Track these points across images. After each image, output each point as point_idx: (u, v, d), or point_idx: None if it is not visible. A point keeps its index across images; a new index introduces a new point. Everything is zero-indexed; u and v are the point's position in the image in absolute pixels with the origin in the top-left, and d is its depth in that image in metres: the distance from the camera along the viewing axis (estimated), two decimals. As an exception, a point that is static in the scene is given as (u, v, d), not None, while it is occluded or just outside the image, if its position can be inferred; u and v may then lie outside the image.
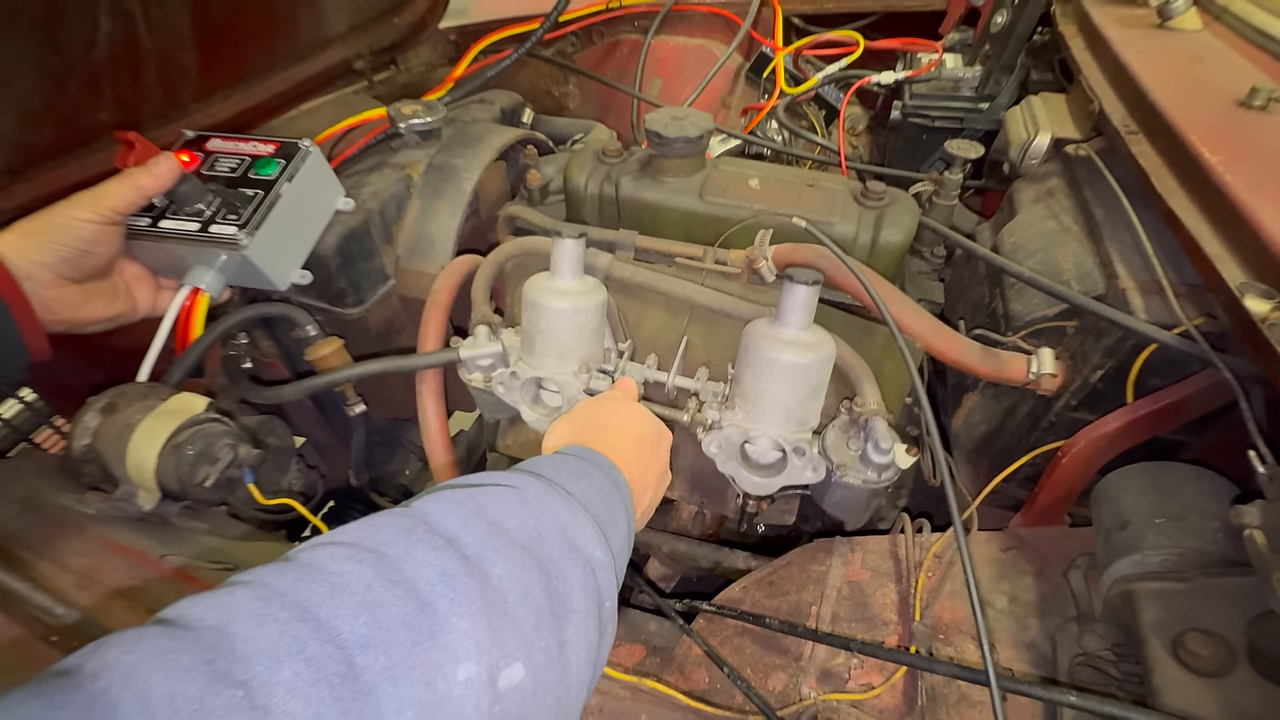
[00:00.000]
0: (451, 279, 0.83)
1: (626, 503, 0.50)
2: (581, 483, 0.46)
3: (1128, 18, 1.04)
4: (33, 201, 0.73)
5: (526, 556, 0.36)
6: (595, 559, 0.41)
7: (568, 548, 0.39)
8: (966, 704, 0.66)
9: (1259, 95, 0.76)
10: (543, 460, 0.48)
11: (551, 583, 0.36)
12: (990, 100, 1.19)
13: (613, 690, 0.67)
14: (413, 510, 0.36)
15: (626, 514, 0.49)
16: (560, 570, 0.38)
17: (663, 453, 0.63)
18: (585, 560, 0.40)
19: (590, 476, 0.48)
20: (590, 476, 0.48)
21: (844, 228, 0.79)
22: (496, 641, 0.32)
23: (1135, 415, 0.71)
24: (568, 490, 0.44)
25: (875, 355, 0.75)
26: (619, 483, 0.51)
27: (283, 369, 0.99)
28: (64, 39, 0.76)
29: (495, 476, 0.42)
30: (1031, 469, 0.81)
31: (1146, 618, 0.59)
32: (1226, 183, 0.64)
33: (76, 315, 0.68)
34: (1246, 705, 0.53)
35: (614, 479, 0.50)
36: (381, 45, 1.22)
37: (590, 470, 0.49)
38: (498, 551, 0.35)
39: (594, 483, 0.48)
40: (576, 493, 0.44)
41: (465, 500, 0.38)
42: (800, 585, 0.79)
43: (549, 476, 0.45)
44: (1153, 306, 0.68)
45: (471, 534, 0.35)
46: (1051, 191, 0.91)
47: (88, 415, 0.67)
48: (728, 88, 1.51)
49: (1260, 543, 0.51)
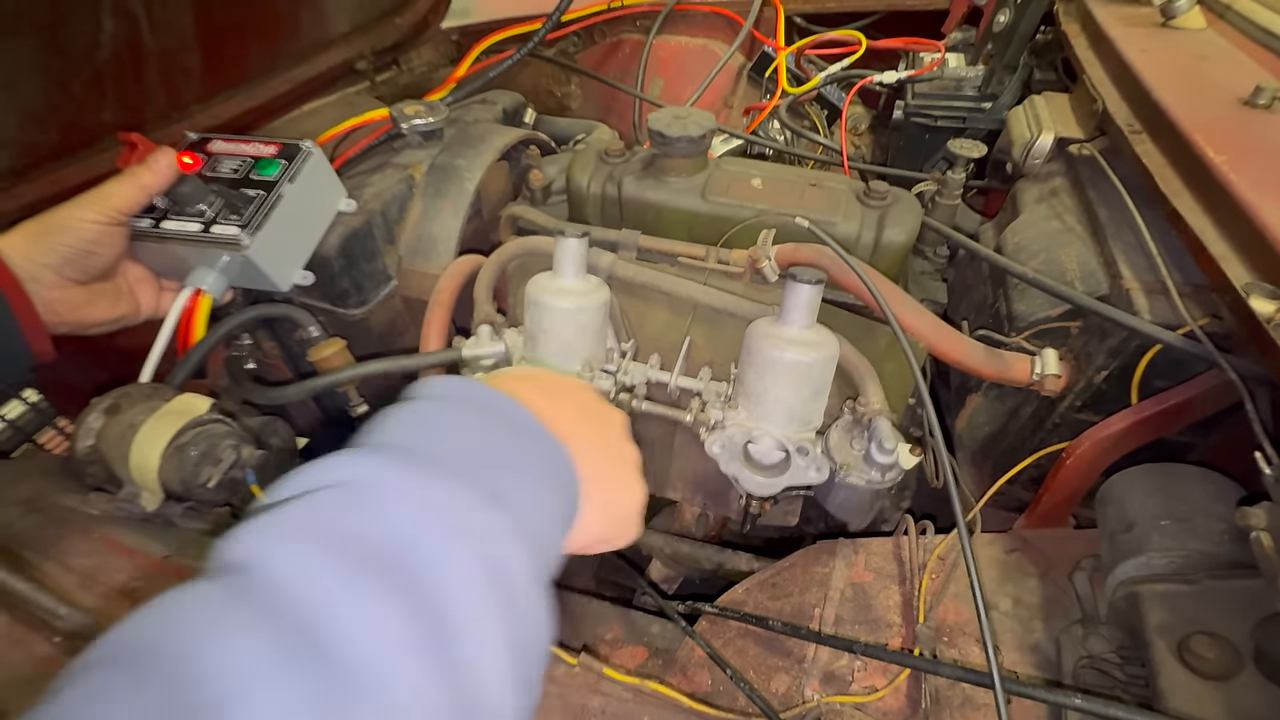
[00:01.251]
0: (454, 279, 0.83)
1: (529, 439, 0.40)
2: (448, 432, 0.37)
3: (1131, 16, 1.03)
4: (36, 203, 0.73)
5: (385, 588, 0.28)
6: (483, 531, 0.33)
7: (440, 539, 0.31)
8: (970, 706, 0.65)
9: (1263, 94, 0.76)
10: (393, 416, 0.38)
11: (427, 605, 0.29)
12: (993, 100, 1.19)
13: (615, 692, 0.67)
14: (232, 567, 0.28)
15: (536, 450, 0.40)
16: (436, 577, 0.30)
17: (611, 421, 0.52)
18: (467, 538, 0.32)
19: (459, 415, 0.39)
20: (459, 415, 0.39)
21: (847, 227, 0.79)
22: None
23: (1140, 416, 0.70)
24: (424, 452, 0.35)
25: (878, 355, 0.75)
26: (517, 417, 0.40)
27: (285, 370, 0.99)
28: (67, 40, 0.76)
29: (325, 471, 0.33)
30: (1035, 470, 0.81)
31: (1152, 620, 0.59)
32: (1231, 182, 0.64)
33: (80, 317, 0.68)
34: (1252, 708, 0.53)
35: (509, 413, 0.40)
36: (383, 46, 1.22)
37: (461, 411, 0.39)
38: (346, 595, 0.27)
39: (463, 423, 0.38)
40: (440, 450, 0.36)
41: (294, 530, 0.29)
42: (803, 587, 0.79)
43: (397, 441, 0.36)
44: (1157, 307, 0.68)
45: (306, 586, 0.27)
46: (1055, 191, 0.91)
47: (91, 416, 0.67)
48: (730, 87, 1.50)
49: (1267, 545, 0.51)
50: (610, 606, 0.92)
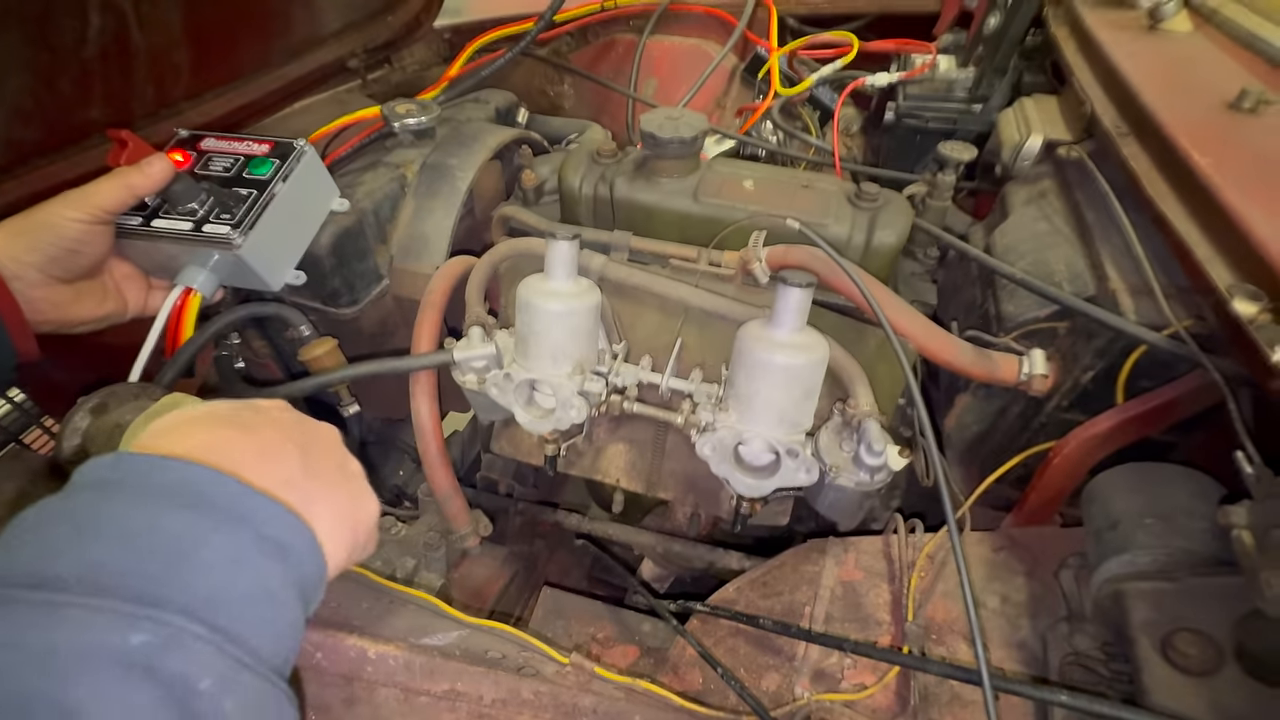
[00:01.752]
0: (446, 280, 0.83)
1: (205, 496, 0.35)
2: (82, 539, 0.32)
3: (1119, 20, 1.04)
4: (22, 199, 0.72)
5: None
6: (129, 653, 0.29)
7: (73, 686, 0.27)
8: (959, 703, 0.66)
9: (1248, 97, 0.77)
10: (13, 527, 0.33)
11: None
12: (983, 102, 1.19)
13: (606, 691, 0.67)
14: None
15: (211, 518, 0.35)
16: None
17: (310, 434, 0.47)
18: (112, 669, 0.28)
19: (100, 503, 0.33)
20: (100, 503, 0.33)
21: (838, 229, 0.79)
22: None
23: (1125, 416, 0.71)
24: (38, 576, 0.30)
25: (868, 357, 0.76)
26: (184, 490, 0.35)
27: (276, 369, 0.99)
28: (54, 36, 0.75)
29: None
30: (1023, 469, 0.82)
31: (1136, 617, 0.60)
32: (1215, 185, 0.65)
33: (65, 316, 0.67)
34: (1234, 704, 0.54)
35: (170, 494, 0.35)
36: (375, 44, 1.22)
37: (105, 495, 0.34)
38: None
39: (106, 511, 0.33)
40: (64, 565, 0.30)
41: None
42: (794, 586, 0.79)
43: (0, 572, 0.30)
44: (1143, 308, 0.69)
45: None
46: (1043, 193, 0.92)
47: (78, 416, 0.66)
48: (723, 88, 1.51)
49: (1247, 543, 0.51)
50: (602, 605, 0.93)
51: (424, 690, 0.66)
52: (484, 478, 1.12)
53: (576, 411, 0.71)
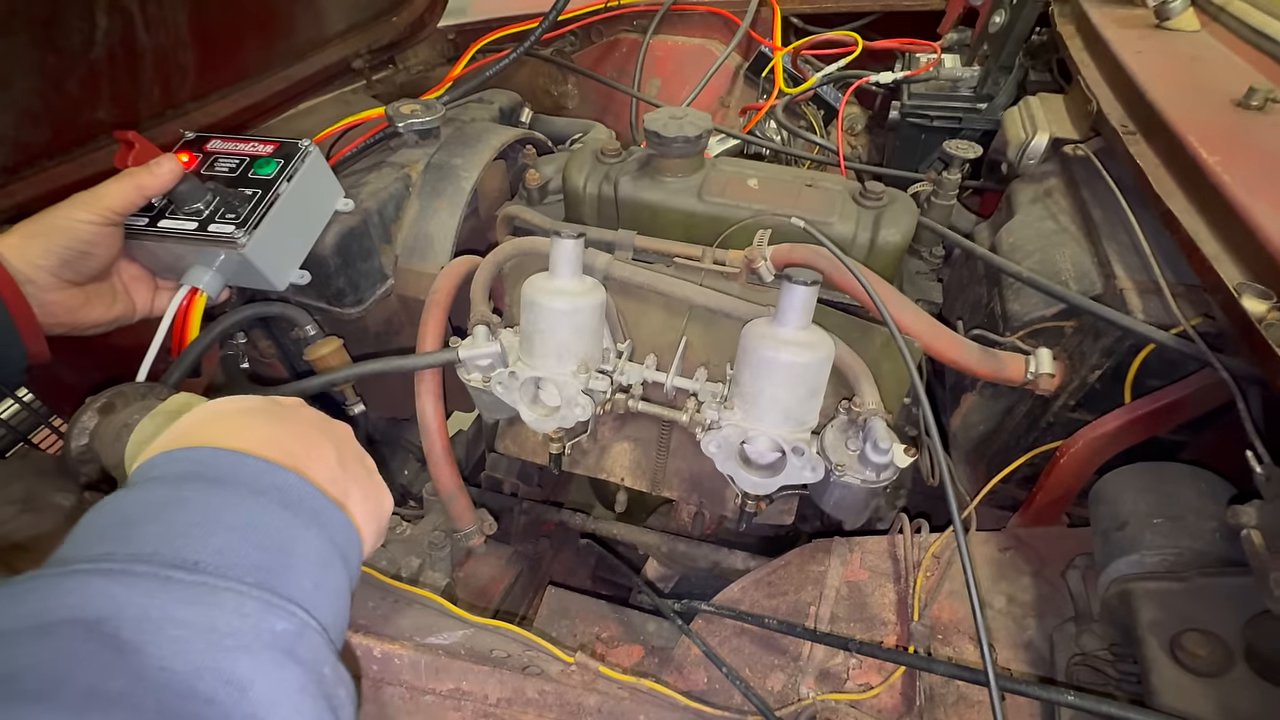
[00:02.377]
0: (450, 279, 0.83)
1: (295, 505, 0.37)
2: (208, 534, 0.33)
3: (1126, 18, 1.04)
4: (30, 201, 0.73)
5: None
6: (278, 637, 0.30)
7: (234, 660, 0.28)
8: (965, 704, 0.66)
9: (1256, 95, 0.76)
10: (140, 526, 0.33)
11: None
12: (988, 100, 1.19)
13: (611, 691, 0.67)
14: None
15: (294, 523, 0.36)
16: (240, 707, 0.27)
17: (298, 411, 0.47)
18: (267, 650, 0.30)
19: (225, 513, 0.34)
20: (225, 513, 0.34)
21: (842, 228, 0.79)
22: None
23: (1133, 415, 0.71)
24: (187, 563, 0.31)
25: (873, 355, 0.75)
26: (279, 487, 0.37)
27: (281, 369, 0.99)
28: (61, 37, 0.75)
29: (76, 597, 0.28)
30: (1030, 469, 0.81)
31: (1144, 618, 0.59)
32: (1224, 183, 0.64)
33: (76, 319, 0.68)
34: (1243, 705, 0.53)
35: (269, 492, 0.37)
36: (380, 44, 1.22)
37: (223, 502, 0.35)
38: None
39: (231, 519, 0.34)
40: (203, 558, 0.32)
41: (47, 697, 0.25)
42: (799, 585, 0.79)
43: (153, 554, 0.31)
44: (1150, 307, 0.68)
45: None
46: (1049, 192, 0.91)
47: (85, 415, 0.67)
48: (726, 87, 1.51)
49: (1257, 543, 0.51)
50: (606, 605, 0.93)
51: (429, 689, 0.66)
52: (489, 477, 1.12)
53: (581, 410, 0.71)
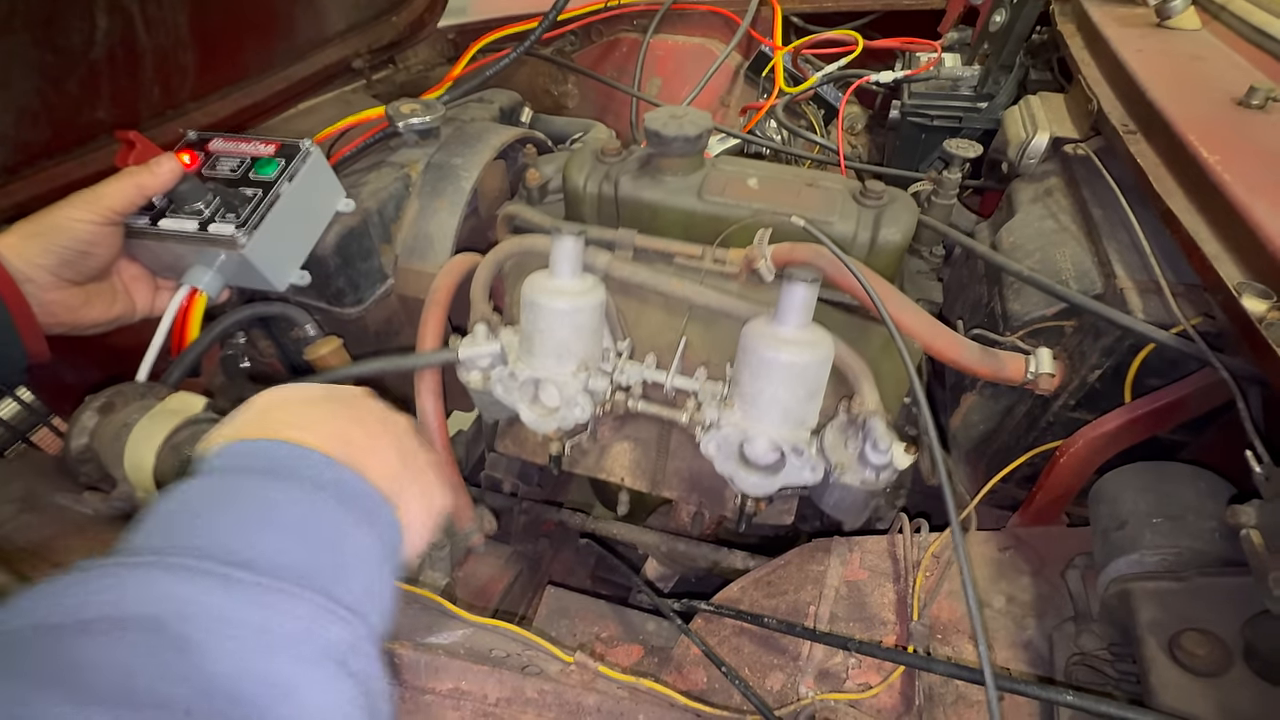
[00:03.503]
0: (450, 278, 0.83)
1: (349, 503, 0.37)
2: (264, 531, 0.33)
3: (1126, 16, 1.04)
4: (30, 200, 0.73)
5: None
6: (331, 644, 0.30)
7: (286, 669, 0.28)
8: (964, 703, 0.66)
9: (1257, 94, 0.76)
10: (193, 519, 0.33)
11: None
12: (989, 99, 1.19)
13: (610, 690, 0.67)
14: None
15: (348, 522, 0.36)
16: (285, 714, 0.27)
17: (361, 403, 0.46)
18: (320, 659, 0.29)
19: (279, 509, 0.34)
20: (279, 509, 0.34)
21: (843, 227, 0.79)
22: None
23: (1133, 415, 0.71)
24: (245, 562, 0.31)
25: (873, 355, 0.75)
26: (336, 483, 0.37)
27: (281, 369, 0.99)
28: (62, 37, 0.75)
29: (132, 593, 0.28)
30: (1029, 469, 0.81)
31: (1143, 617, 0.59)
32: (1224, 182, 0.64)
33: (76, 318, 0.68)
34: (1242, 705, 0.53)
35: (325, 488, 0.37)
36: (380, 44, 1.22)
37: (278, 497, 0.35)
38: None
39: (287, 516, 0.34)
40: (258, 558, 0.31)
41: (82, 698, 0.24)
42: (798, 585, 0.79)
43: (211, 551, 0.31)
44: (1150, 306, 0.68)
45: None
46: (1050, 191, 0.91)
47: (85, 415, 0.67)
48: (727, 87, 1.51)
49: (1256, 543, 0.51)
50: (606, 605, 0.93)
51: (428, 689, 0.66)
52: (488, 476, 1.12)
53: (581, 410, 0.71)
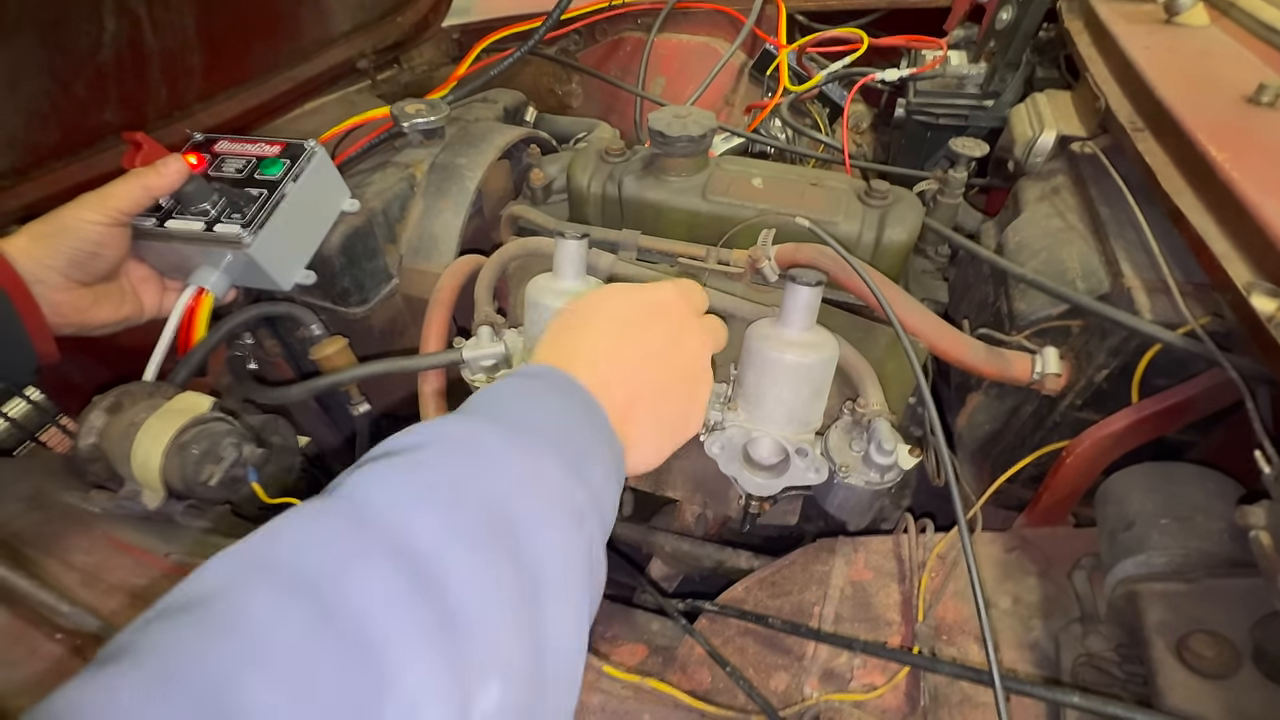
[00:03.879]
0: (454, 279, 0.83)
1: (595, 417, 0.43)
2: (536, 410, 0.40)
3: (1134, 13, 1.03)
4: (38, 202, 0.73)
5: (491, 538, 0.31)
6: (576, 504, 0.36)
7: (540, 505, 0.34)
8: (969, 704, 0.66)
9: (1267, 92, 0.75)
10: (487, 394, 0.41)
11: (523, 562, 0.32)
12: (995, 97, 1.18)
13: (614, 690, 0.67)
14: (353, 502, 0.30)
15: (596, 431, 0.42)
16: (534, 539, 0.33)
17: (653, 330, 0.51)
18: (565, 510, 0.35)
19: (545, 399, 0.41)
20: (545, 399, 0.41)
21: (848, 227, 0.79)
22: (461, 675, 0.27)
23: (1140, 415, 0.70)
24: (523, 425, 0.38)
25: (878, 355, 0.75)
26: (584, 400, 0.43)
27: (287, 369, 1.00)
28: (69, 39, 0.76)
29: (438, 428, 0.36)
30: (1036, 469, 0.81)
31: (1151, 619, 0.59)
32: (1234, 180, 0.64)
33: (85, 319, 0.68)
34: (1251, 707, 0.53)
35: (576, 397, 0.43)
36: (385, 44, 1.22)
37: (546, 391, 0.42)
38: (457, 540, 0.30)
39: (551, 405, 0.41)
40: (535, 425, 0.38)
41: (411, 475, 0.32)
42: (803, 585, 0.79)
43: (498, 414, 0.39)
44: (1158, 305, 0.68)
45: (424, 525, 0.30)
46: (1056, 189, 0.91)
47: (93, 414, 0.67)
48: (731, 85, 1.50)
49: (1266, 544, 0.50)
50: (610, 604, 0.93)
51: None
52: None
53: (585, 410, 0.71)
